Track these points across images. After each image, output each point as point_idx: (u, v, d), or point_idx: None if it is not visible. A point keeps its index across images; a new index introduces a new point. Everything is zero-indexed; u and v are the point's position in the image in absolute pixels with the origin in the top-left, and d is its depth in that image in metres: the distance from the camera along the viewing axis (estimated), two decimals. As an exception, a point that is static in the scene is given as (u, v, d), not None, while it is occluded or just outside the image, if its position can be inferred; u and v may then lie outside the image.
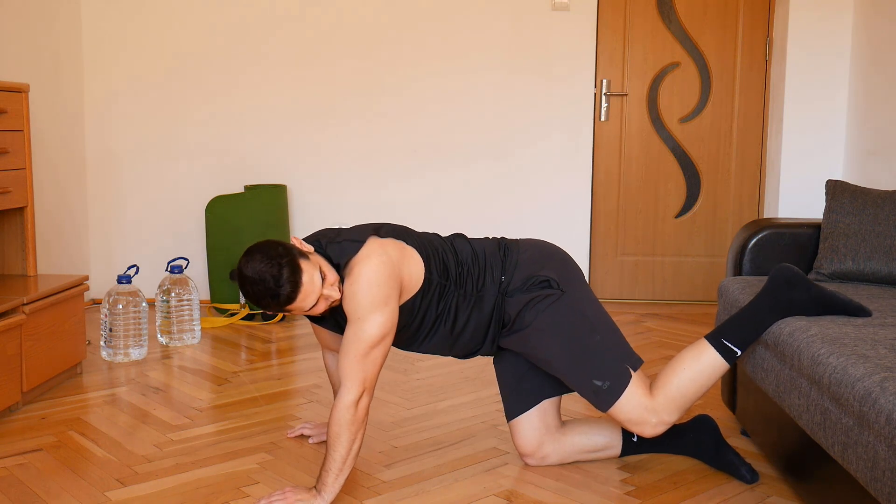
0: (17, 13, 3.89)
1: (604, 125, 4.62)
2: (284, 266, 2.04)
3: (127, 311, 3.45)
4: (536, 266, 2.32)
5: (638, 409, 2.23)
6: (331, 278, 2.11)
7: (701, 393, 2.28)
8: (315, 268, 2.08)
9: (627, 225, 4.68)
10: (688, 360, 2.27)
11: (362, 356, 2.09)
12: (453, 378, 3.30)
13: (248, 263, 2.07)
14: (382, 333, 2.10)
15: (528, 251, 2.36)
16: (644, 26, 4.54)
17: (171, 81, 4.53)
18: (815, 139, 4.23)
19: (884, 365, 1.76)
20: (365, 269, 2.10)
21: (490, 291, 2.29)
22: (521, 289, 2.29)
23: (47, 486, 2.31)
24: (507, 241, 2.40)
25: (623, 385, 2.23)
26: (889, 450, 1.58)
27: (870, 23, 3.95)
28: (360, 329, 2.09)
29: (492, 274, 2.30)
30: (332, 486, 2.13)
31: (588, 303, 2.32)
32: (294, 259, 2.06)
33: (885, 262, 2.61)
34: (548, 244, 2.44)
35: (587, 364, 2.25)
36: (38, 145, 3.96)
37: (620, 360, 2.26)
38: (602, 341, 2.27)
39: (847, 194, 2.77)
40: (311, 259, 2.09)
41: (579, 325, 2.27)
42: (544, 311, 2.25)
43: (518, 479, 2.37)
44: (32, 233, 3.27)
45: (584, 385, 2.26)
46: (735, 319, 2.30)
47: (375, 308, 2.09)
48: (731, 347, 2.25)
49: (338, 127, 4.55)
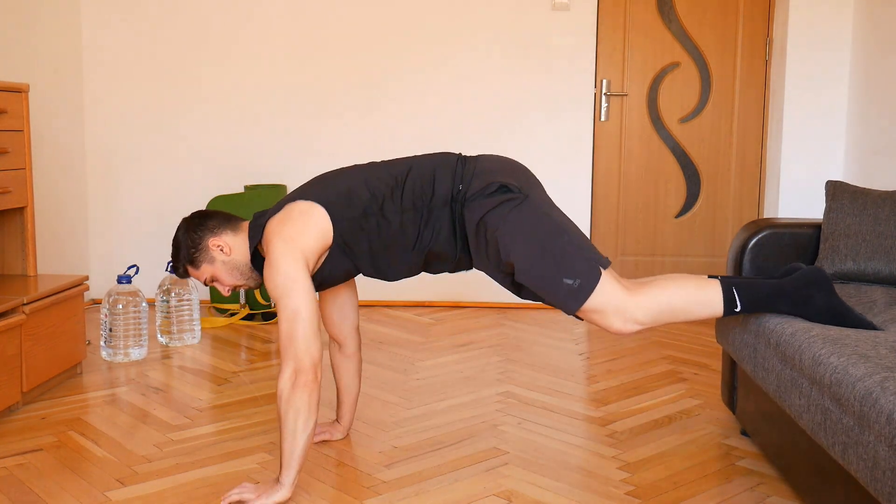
0: (17, 13, 3.89)
1: (604, 125, 4.62)
2: (182, 261, 2.35)
3: (127, 311, 3.45)
4: (496, 175, 2.27)
5: (610, 304, 2.19)
6: (226, 282, 2.35)
7: (682, 318, 2.24)
8: (206, 273, 2.34)
9: (627, 225, 4.68)
10: (692, 284, 2.24)
11: (285, 333, 2.13)
12: (453, 378, 3.30)
13: (181, 226, 2.37)
14: (294, 307, 2.12)
15: (486, 162, 2.33)
16: (644, 26, 4.54)
17: (170, 81, 4.53)
18: (815, 139, 4.23)
19: (884, 365, 1.76)
20: (267, 254, 2.21)
21: (442, 200, 2.25)
22: (480, 194, 2.23)
23: (47, 486, 2.31)
24: (466, 155, 2.38)
25: (594, 281, 2.18)
26: (890, 450, 1.58)
27: (870, 23, 3.95)
28: (277, 306, 2.16)
29: (443, 184, 2.26)
30: (287, 472, 2.14)
31: (551, 207, 2.29)
32: (193, 257, 2.33)
33: (885, 263, 2.61)
34: (509, 159, 2.40)
35: (556, 264, 2.19)
36: (38, 145, 3.96)
37: (589, 259, 2.21)
38: (570, 241, 2.22)
39: (847, 195, 2.77)
40: (216, 261, 2.33)
41: (545, 226, 2.22)
42: (507, 214, 2.21)
43: (518, 479, 2.37)
44: (32, 233, 3.27)
45: (555, 286, 2.20)
46: (755, 284, 2.27)
47: (282, 284, 2.14)
48: (736, 300, 2.23)
49: (338, 126, 4.55)
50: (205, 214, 2.39)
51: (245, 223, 2.38)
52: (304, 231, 2.22)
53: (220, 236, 2.33)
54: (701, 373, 3.39)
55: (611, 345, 3.81)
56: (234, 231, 2.36)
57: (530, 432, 2.72)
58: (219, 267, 2.34)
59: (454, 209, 2.26)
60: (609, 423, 2.83)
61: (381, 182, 2.29)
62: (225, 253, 2.33)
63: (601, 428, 2.78)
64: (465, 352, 3.68)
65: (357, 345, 2.61)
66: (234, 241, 2.34)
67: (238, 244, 2.34)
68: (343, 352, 2.60)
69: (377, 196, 2.27)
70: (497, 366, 3.46)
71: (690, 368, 3.46)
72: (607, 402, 3.04)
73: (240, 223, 2.38)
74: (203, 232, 2.33)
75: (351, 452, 2.56)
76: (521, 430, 2.74)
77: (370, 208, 2.26)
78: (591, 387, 3.22)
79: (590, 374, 3.38)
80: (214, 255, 2.33)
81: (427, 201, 2.26)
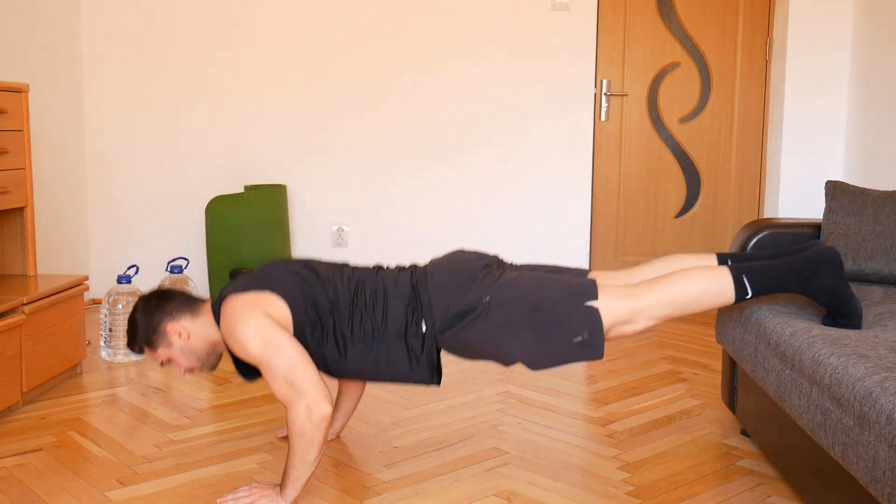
0: (17, 13, 3.89)
1: (604, 125, 4.62)
2: (139, 342, 2.30)
3: (127, 311, 3.45)
4: (449, 293, 2.21)
5: (619, 318, 2.16)
6: (182, 365, 2.31)
7: (695, 310, 2.21)
8: (163, 356, 2.30)
9: (627, 225, 4.68)
10: (703, 275, 2.20)
11: (283, 380, 2.08)
12: (453, 378, 3.30)
13: (138, 305, 2.32)
14: (288, 361, 2.09)
15: (436, 281, 2.25)
16: (644, 26, 4.54)
17: (170, 81, 4.53)
18: (815, 139, 4.23)
19: (884, 365, 1.76)
20: (228, 325, 2.16)
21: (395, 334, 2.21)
22: (448, 327, 2.20)
23: (47, 486, 2.31)
24: (416, 273, 2.29)
25: (597, 320, 2.14)
26: (890, 450, 1.58)
27: (870, 23, 3.95)
28: (263, 364, 2.11)
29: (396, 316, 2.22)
30: (291, 493, 2.13)
31: (515, 284, 2.22)
32: (151, 340, 2.29)
33: (885, 263, 2.61)
34: (455, 258, 2.33)
35: (556, 335, 2.16)
36: (37, 145, 3.96)
37: (579, 304, 2.16)
38: (552, 304, 2.17)
39: (847, 195, 2.77)
40: (174, 346, 2.28)
41: (522, 309, 2.17)
42: (484, 324, 2.18)
43: (518, 479, 2.37)
44: (32, 233, 3.27)
45: (570, 352, 2.17)
46: (763, 266, 2.23)
47: (258, 339, 2.11)
48: (747, 288, 2.20)
49: (337, 126, 4.55)
50: (163, 296, 2.32)
51: (205, 304, 2.33)
52: (266, 303, 2.18)
53: (178, 321, 2.28)
54: (701, 373, 3.39)
55: (611, 345, 3.81)
56: (193, 315, 2.29)
57: (530, 432, 2.72)
58: (176, 351, 2.29)
59: (410, 343, 2.22)
60: (609, 423, 2.83)
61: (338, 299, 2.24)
62: (183, 338, 2.28)
63: (601, 428, 2.78)
64: (465, 352, 3.67)
65: None
66: (193, 325, 2.28)
67: (196, 328, 2.28)
68: None
69: (329, 317, 2.23)
70: (497, 366, 3.46)
71: (690, 368, 3.46)
72: (607, 402, 3.04)
73: (200, 305, 2.32)
74: (161, 316, 2.28)
75: (351, 453, 2.56)
76: (521, 430, 2.74)
77: (324, 326, 2.23)
78: (591, 387, 3.22)
79: (590, 374, 3.38)
80: (172, 340, 2.28)
81: (380, 334, 2.22)
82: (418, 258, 4.51)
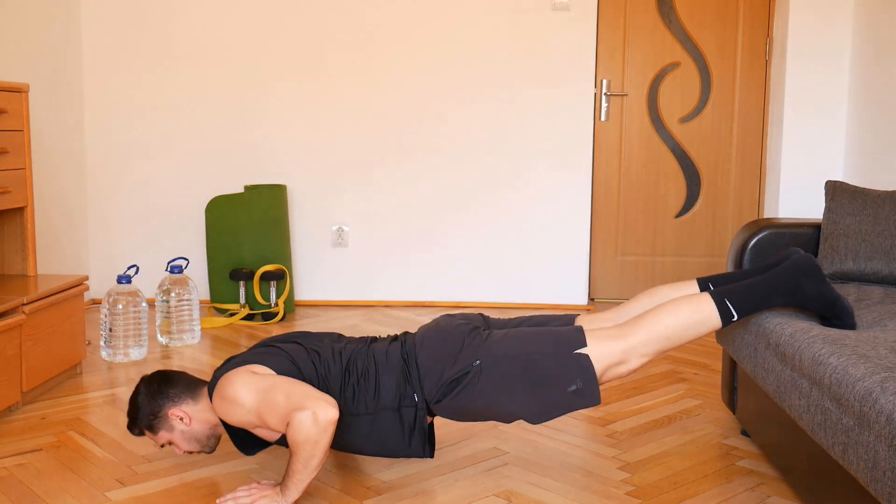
0: (17, 13, 3.89)
1: (604, 125, 4.62)
2: (140, 425, 2.30)
3: (127, 311, 3.45)
4: (442, 366, 2.21)
5: (611, 361, 2.18)
6: (182, 448, 2.31)
7: (683, 342, 2.24)
8: (163, 438, 2.30)
9: (627, 225, 4.68)
10: (686, 307, 2.23)
11: (288, 405, 2.07)
12: (453, 378, 3.29)
13: (140, 388, 2.31)
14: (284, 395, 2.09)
15: (426, 352, 2.25)
16: (644, 26, 4.54)
17: (171, 81, 4.53)
18: (815, 139, 4.23)
19: (884, 365, 1.76)
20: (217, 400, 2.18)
21: (389, 403, 2.22)
22: (442, 396, 2.21)
23: (47, 486, 2.31)
24: (406, 344, 2.29)
25: (590, 369, 2.16)
26: (889, 450, 1.58)
27: (870, 23, 3.95)
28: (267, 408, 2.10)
29: (388, 391, 2.22)
30: (293, 493, 2.13)
31: (504, 344, 2.24)
32: (152, 424, 2.28)
33: (885, 262, 2.61)
34: (438, 328, 2.32)
35: (551, 387, 2.19)
36: (37, 145, 3.96)
37: (568, 354, 2.18)
38: (542, 357, 2.19)
39: (847, 195, 2.77)
40: (175, 430, 2.28)
41: (514, 367, 2.19)
42: (478, 388, 2.19)
43: (518, 479, 2.37)
44: (32, 233, 3.27)
45: (566, 402, 2.20)
46: (744, 287, 2.26)
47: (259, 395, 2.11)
48: (731, 310, 2.23)
49: (337, 127, 4.55)
50: (166, 380, 2.32)
51: (204, 388, 2.31)
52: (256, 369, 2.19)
53: (179, 406, 2.28)
54: (701, 373, 3.39)
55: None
56: (194, 399, 2.29)
57: (530, 432, 2.72)
58: (177, 435, 2.29)
59: (403, 414, 2.22)
60: (609, 423, 2.82)
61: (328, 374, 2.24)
62: (184, 423, 2.28)
63: (601, 428, 2.78)
64: (465, 352, 3.67)
65: None
66: (194, 409, 2.28)
67: (197, 412, 2.28)
68: None
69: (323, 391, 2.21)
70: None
71: (690, 368, 3.46)
72: (607, 402, 3.04)
73: (201, 389, 2.31)
74: (163, 401, 2.28)
75: (351, 452, 2.56)
76: (521, 430, 2.74)
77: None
78: (591, 387, 3.21)
79: (590, 374, 3.38)
80: (174, 424, 2.28)
81: (372, 408, 2.22)
82: (418, 258, 4.51)
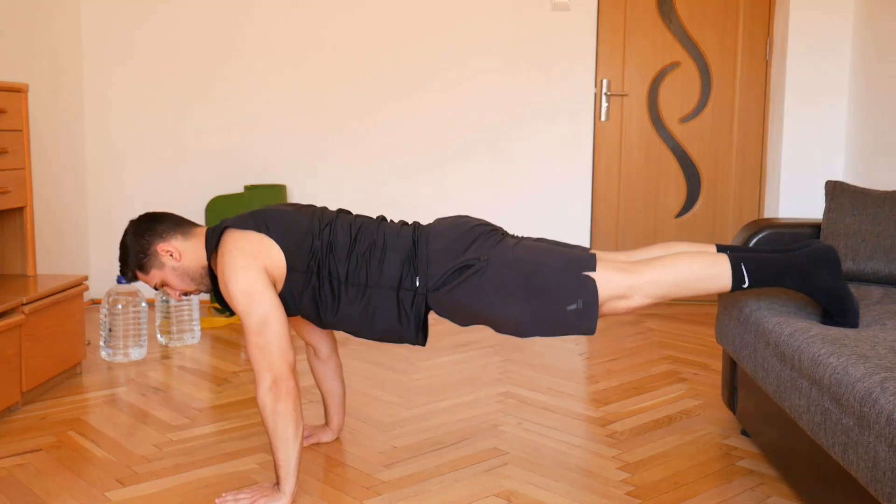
0: (17, 13, 3.89)
1: (604, 125, 4.62)
2: (131, 266, 2.31)
3: (127, 311, 3.45)
4: (450, 255, 2.19)
5: (616, 292, 2.15)
6: (176, 287, 2.31)
7: (690, 293, 2.20)
8: (156, 278, 2.30)
9: (627, 225, 4.68)
10: (702, 259, 2.19)
11: (255, 345, 2.10)
12: (453, 378, 3.30)
13: (128, 229, 2.31)
14: (261, 318, 2.10)
15: (437, 240, 2.23)
16: (644, 26, 4.54)
17: (170, 81, 4.53)
18: (815, 139, 4.23)
19: (884, 365, 1.76)
20: (224, 265, 2.16)
21: (388, 284, 2.20)
22: (443, 284, 2.18)
23: (47, 486, 2.31)
24: (418, 230, 2.28)
25: (593, 291, 2.13)
26: (890, 450, 1.58)
27: (870, 22, 3.95)
28: (243, 320, 2.13)
29: (392, 268, 2.20)
30: (287, 481, 2.13)
31: (515, 247, 2.22)
32: (142, 262, 2.28)
33: (885, 262, 2.61)
34: (457, 220, 2.31)
35: (551, 300, 2.14)
36: (37, 145, 3.96)
37: (576, 273, 2.15)
38: (550, 268, 2.16)
39: (847, 195, 2.76)
40: (166, 266, 2.28)
41: (519, 272, 2.15)
42: (479, 283, 2.16)
43: (518, 479, 2.37)
44: (32, 233, 3.27)
45: (564, 321, 2.15)
46: (762, 258, 2.22)
47: (246, 297, 2.11)
48: (745, 276, 2.19)
49: (337, 126, 4.55)
50: (153, 218, 2.32)
51: (199, 229, 2.32)
52: (264, 252, 2.18)
53: (168, 241, 2.27)
54: (701, 373, 3.39)
55: (611, 345, 3.81)
56: (184, 236, 2.29)
57: (530, 432, 2.72)
58: (168, 272, 2.28)
59: (401, 297, 2.20)
60: (609, 423, 2.82)
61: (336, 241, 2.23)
62: (174, 258, 2.27)
63: (601, 428, 2.78)
64: (465, 352, 3.67)
65: (331, 347, 2.58)
66: (185, 245, 2.28)
67: (188, 249, 2.28)
68: (318, 356, 2.57)
69: (325, 259, 2.22)
70: (497, 366, 3.46)
71: (690, 368, 3.46)
72: (607, 402, 3.04)
73: (192, 228, 2.32)
74: (151, 237, 2.27)
75: (351, 452, 2.56)
76: (521, 430, 2.74)
77: (321, 269, 2.22)
78: (591, 387, 3.22)
79: (590, 374, 3.38)
80: (164, 261, 2.27)
81: (373, 282, 2.21)
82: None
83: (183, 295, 2.34)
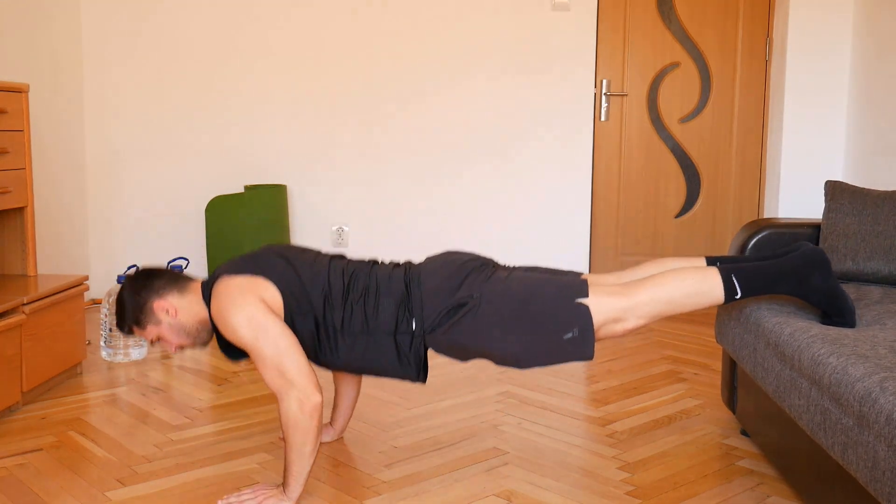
0: (17, 13, 3.89)
1: (604, 125, 4.62)
2: (128, 322, 2.30)
3: (127, 311, 3.45)
4: (443, 295, 2.22)
5: (610, 317, 2.17)
6: (172, 342, 2.30)
7: (684, 309, 2.22)
8: (152, 333, 2.30)
9: (627, 225, 4.68)
10: (692, 276, 2.21)
11: (272, 368, 2.10)
12: (453, 378, 3.30)
13: (125, 285, 2.31)
14: (271, 340, 2.10)
15: (429, 279, 2.26)
16: (644, 26, 4.54)
17: (171, 81, 4.53)
18: (815, 139, 4.23)
19: (883, 365, 1.76)
20: (220, 304, 2.17)
21: (386, 326, 2.22)
22: (439, 324, 2.21)
23: (47, 486, 2.31)
24: (410, 271, 2.30)
25: (587, 317, 2.15)
26: (889, 450, 1.58)
27: (870, 23, 3.95)
28: (252, 348, 2.12)
29: (387, 314, 2.22)
30: (295, 488, 2.14)
31: (506, 280, 2.23)
32: (139, 319, 2.28)
33: (885, 262, 2.61)
34: (446, 259, 2.33)
35: (547, 331, 2.16)
36: (37, 145, 3.96)
37: (569, 301, 2.17)
38: (542, 300, 2.18)
39: (846, 195, 2.77)
40: (162, 323, 2.27)
41: (512, 304, 2.18)
42: (474, 321, 2.18)
43: (518, 479, 2.37)
44: (32, 233, 3.27)
45: (561, 350, 2.17)
46: (752, 268, 2.25)
47: (249, 322, 2.12)
48: (736, 288, 2.21)
49: (338, 127, 4.56)
50: (150, 274, 2.33)
51: (194, 283, 2.33)
52: (260, 288, 2.19)
53: (165, 298, 2.28)
54: (701, 373, 3.39)
55: (611, 345, 3.81)
56: (180, 292, 2.30)
57: (530, 432, 2.72)
58: (165, 328, 2.29)
59: (399, 341, 2.22)
60: (609, 423, 2.83)
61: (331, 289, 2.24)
62: (171, 315, 2.28)
63: (601, 428, 2.78)
64: (465, 352, 3.67)
65: None
66: (181, 302, 2.28)
67: (184, 305, 2.28)
68: None
69: (321, 307, 2.23)
70: (497, 366, 3.46)
71: (690, 368, 3.46)
72: (607, 402, 3.04)
73: (188, 283, 2.32)
74: (148, 294, 2.28)
75: (351, 453, 2.56)
76: (521, 430, 2.74)
77: (316, 315, 2.23)
78: (591, 387, 3.22)
79: (590, 374, 3.38)
80: (160, 318, 2.28)
81: (369, 328, 2.23)
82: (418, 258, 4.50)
83: (178, 348, 2.35)
